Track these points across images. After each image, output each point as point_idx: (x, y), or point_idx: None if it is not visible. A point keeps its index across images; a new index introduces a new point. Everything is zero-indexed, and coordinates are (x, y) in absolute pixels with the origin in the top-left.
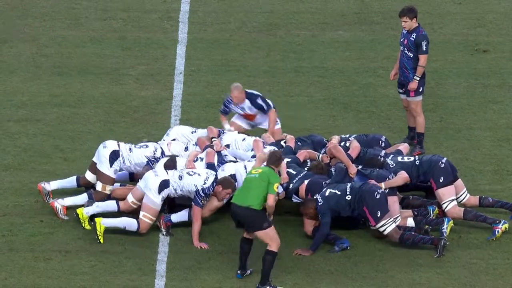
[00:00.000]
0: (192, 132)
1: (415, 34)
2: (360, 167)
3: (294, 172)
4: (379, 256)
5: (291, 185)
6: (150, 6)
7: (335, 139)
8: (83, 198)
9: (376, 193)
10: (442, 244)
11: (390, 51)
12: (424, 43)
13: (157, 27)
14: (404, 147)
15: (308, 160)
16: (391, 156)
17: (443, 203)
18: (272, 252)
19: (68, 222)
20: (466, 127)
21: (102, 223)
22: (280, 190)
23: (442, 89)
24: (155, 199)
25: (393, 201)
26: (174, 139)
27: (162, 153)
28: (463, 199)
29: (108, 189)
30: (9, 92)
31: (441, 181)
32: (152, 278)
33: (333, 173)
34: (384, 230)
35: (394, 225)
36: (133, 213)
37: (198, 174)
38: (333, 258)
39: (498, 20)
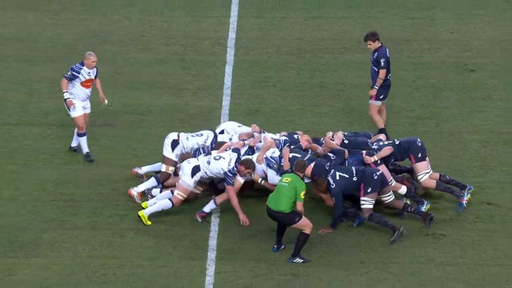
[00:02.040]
0: (238, 126)
1: (376, 53)
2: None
3: (299, 156)
4: (387, 234)
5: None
6: (204, 34)
7: (329, 134)
8: (152, 181)
9: (375, 174)
10: (430, 218)
11: (396, 69)
12: (382, 60)
13: (209, 51)
14: (382, 136)
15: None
16: (375, 142)
17: (419, 175)
18: (306, 234)
19: (139, 206)
20: (457, 131)
21: (144, 214)
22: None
23: (437, 101)
24: (188, 181)
25: (384, 168)
26: (222, 131)
27: (212, 142)
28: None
29: (170, 169)
30: (92, 103)
31: (418, 156)
32: (205, 251)
33: (332, 158)
34: (363, 205)
35: (370, 206)
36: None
37: (223, 158)
38: (350, 235)
39: (482, 45)
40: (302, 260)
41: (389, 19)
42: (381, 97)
